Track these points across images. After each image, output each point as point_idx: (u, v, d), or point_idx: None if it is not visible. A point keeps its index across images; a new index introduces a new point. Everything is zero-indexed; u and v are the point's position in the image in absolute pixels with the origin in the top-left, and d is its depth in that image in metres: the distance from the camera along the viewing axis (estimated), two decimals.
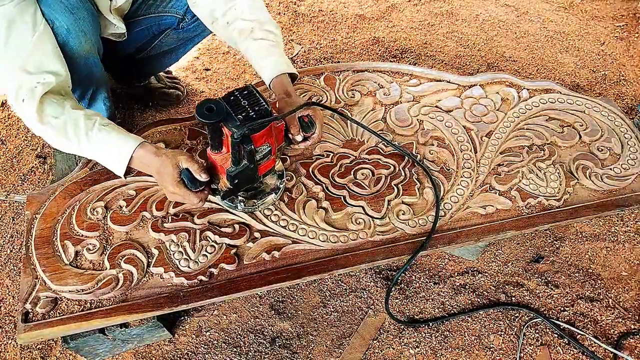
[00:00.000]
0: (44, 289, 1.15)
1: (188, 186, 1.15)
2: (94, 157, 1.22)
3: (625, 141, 1.49)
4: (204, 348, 1.40)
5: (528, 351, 1.40)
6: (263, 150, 1.14)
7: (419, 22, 2.46)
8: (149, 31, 1.64)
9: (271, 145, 1.15)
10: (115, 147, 1.18)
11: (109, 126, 1.19)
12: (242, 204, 1.26)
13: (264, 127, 1.08)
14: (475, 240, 1.29)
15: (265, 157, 1.16)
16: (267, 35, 1.35)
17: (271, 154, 1.17)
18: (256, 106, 1.08)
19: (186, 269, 1.19)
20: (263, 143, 1.13)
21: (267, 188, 1.30)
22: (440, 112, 1.55)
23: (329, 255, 1.24)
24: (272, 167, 1.23)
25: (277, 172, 1.33)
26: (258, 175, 1.20)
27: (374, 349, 1.41)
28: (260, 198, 1.28)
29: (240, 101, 1.09)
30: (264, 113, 1.08)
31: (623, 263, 1.59)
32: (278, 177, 1.32)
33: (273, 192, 1.29)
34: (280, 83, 1.33)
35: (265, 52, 1.34)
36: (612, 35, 2.41)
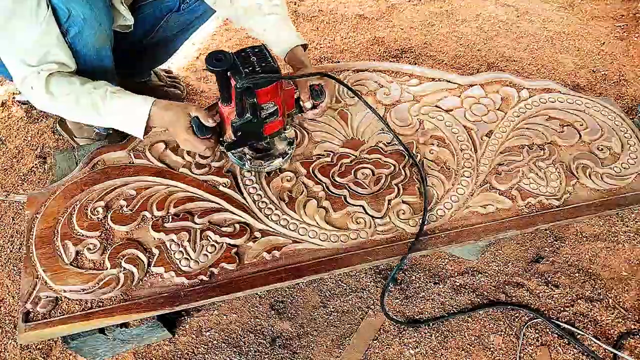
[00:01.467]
0: (44, 289, 1.15)
1: (196, 133, 1.21)
2: (112, 124, 1.27)
3: (625, 141, 1.49)
4: (204, 348, 1.40)
5: (528, 351, 1.40)
6: (268, 109, 1.18)
7: (419, 22, 2.47)
8: (151, 17, 1.64)
9: (277, 106, 1.19)
10: (130, 111, 1.24)
11: (119, 92, 1.25)
12: (249, 162, 1.32)
13: (270, 84, 1.12)
14: (476, 239, 1.29)
15: (271, 116, 1.20)
16: (275, 9, 1.39)
17: (278, 115, 1.21)
18: (264, 62, 1.12)
19: (187, 268, 1.19)
20: (268, 100, 1.16)
21: (276, 152, 1.35)
22: (441, 111, 1.55)
23: (329, 255, 1.24)
24: (279, 129, 1.27)
25: (288, 139, 1.38)
26: (263, 133, 1.24)
27: (374, 349, 1.41)
28: (267, 160, 1.34)
29: (249, 57, 1.13)
30: (269, 70, 1.11)
31: (623, 263, 1.59)
32: (288, 143, 1.37)
33: (281, 156, 1.34)
34: (295, 55, 1.38)
35: (277, 27, 1.39)
36: (612, 35, 2.41)
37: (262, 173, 1.34)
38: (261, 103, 1.16)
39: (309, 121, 1.51)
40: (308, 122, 1.51)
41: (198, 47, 2.30)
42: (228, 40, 2.34)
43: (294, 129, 1.45)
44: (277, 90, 1.16)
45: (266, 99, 1.15)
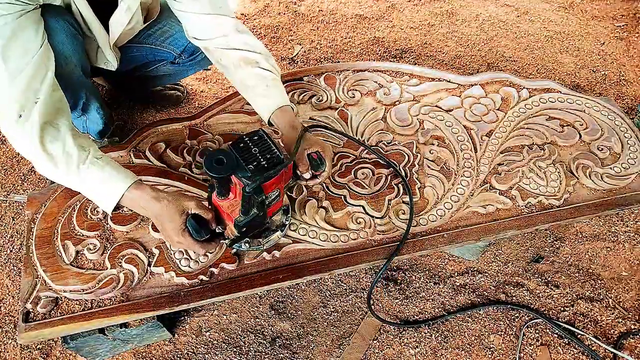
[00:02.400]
0: (44, 289, 1.15)
1: (193, 236, 1.09)
2: (81, 190, 1.14)
3: (625, 140, 1.50)
4: (204, 348, 1.40)
5: (528, 351, 1.40)
6: (272, 195, 1.10)
7: (419, 22, 2.47)
8: (144, 58, 1.64)
9: (280, 189, 1.11)
10: (106, 182, 1.10)
11: (103, 159, 1.12)
12: (248, 244, 1.22)
13: (277, 174, 1.03)
14: (476, 239, 1.29)
15: (274, 200, 1.12)
16: (272, 69, 1.32)
17: (279, 196, 1.13)
18: (268, 154, 1.03)
19: (187, 268, 1.19)
20: (273, 189, 1.08)
21: (273, 225, 1.24)
22: (441, 111, 1.55)
23: (329, 255, 1.24)
24: (278, 208, 1.18)
25: (283, 208, 1.26)
26: (266, 217, 1.14)
27: (374, 349, 1.41)
28: (265, 236, 1.22)
29: (250, 148, 1.03)
30: (276, 161, 1.03)
31: (623, 263, 1.59)
32: (283, 212, 1.26)
33: (278, 229, 1.24)
34: (285, 115, 1.28)
35: (270, 83, 1.30)
36: (612, 35, 2.41)
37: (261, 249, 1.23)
38: (267, 194, 1.07)
39: (309, 121, 1.51)
40: (308, 121, 1.50)
41: None
42: None
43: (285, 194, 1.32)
44: (282, 175, 1.07)
45: (272, 188, 1.07)
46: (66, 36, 1.26)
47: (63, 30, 1.24)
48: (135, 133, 1.47)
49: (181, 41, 1.57)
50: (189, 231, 1.09)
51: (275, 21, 2.44)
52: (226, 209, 1.09)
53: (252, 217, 1.05)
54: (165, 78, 1.82)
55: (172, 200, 1.10)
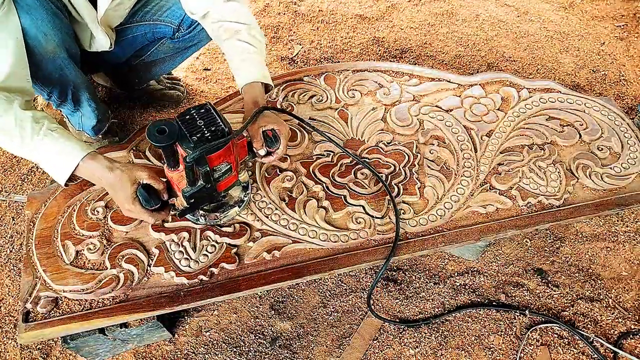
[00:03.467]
0: (44, 289, 1.16)
1: (143, 204, 1.11)
2: (37, 161, 1.14)
3: (625, 140, 1.50)
4: (204, 348, 1.40)
5: (528, 351, 1.40)
6: (221, 169, 1.11)
7: (419, 22, 2.47)
8: (143, 38, 1.63)
9: (231, 163, 1.12)
10: (61, 154, 1.10)
11: (57, 131, 1.11)
12: (204, 218, 1.24)
13: (222, 147, 1.05)
14: (476, 239, 1.29)
15: (224, 174, 1.13)
16: (252, 40, 1.33)
17: (231, 170, 1.14)
18: (212, 126, 1.05)
19: (187, 268, 1.19)
20: (221, 162, 1.09)
21: (231, 200, 1.26)
22: (441, 111, 1.55)
23: (329, 255, 1.24)
24: (233, 182, 1.19)
25: (242, 184, 1.28)
26: (218, 191, 1.16)
27: (374, 349, 1.41)
28: (223, 211, 1.25)
29: (196, 120, 1.05)
30: (220, 134, 1.04)
31: (623, 263, 1.59)
32: (243, 189, 1.28)
33: (236, 204, 1.26)
34: (251, 91, 1.29)
35: (245, 57, 1.31)
36: (612, 35, 2.41)
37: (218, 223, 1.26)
38: (214, 166, 1.08)
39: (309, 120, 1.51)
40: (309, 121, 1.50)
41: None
42: None
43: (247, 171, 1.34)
44: (230, 149, 1.09)
45: (219, 161, 1.08)
46: (46, 13, 1.23)
47: (42, 7, 1.22)
48: (135, 133, 1.47)
49: (178, 12, 1.55)
50: (139, 200, 1.10)
51: (275, 21, 2.44)
52: (176, 180, 1.11)
53: (198, 188, 1.08)
54: (167, 62, 1.79)
55: (125, 169, 1.11)
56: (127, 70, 1.81)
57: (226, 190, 1.20)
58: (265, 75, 1.33)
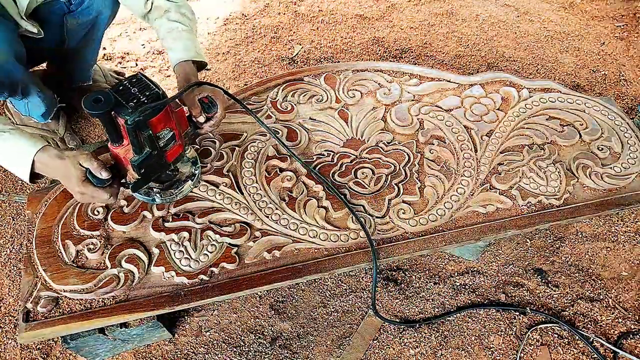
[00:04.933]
0: (45, 289, 1.16)
1: (94, 182, 1.11)
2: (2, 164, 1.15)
3: (625, 140, 1.50)
4: (204, 348, 1.40)
5: (528, 351, 1.40)
6: (165, 136, 1.13)
7: (419, 22, 2.47)
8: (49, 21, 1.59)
9: (174, 130, 1.14)
10: (15, 153, 1.12)
11: (9, 132, 1.12)
12: (159, 195, 1.26)
13: (160, 111, 1.07)
14: (476, 239, 1.29)
15: (169, 142, 1.15)
16: (181, 19, 1.35)
17: (175, 139, 1.16)
18: (147, 91, 1.06)
19: (187, 268, 1.19)
20: (163, 128, 1.11)
21: (183, 176, 1.30)
22: (441, 111, 1.55)
23: (329, 255, 1.24)
24: (180, 153, 1.21)
25: (191, 159, 1.33)
26: (167, 161, 1.19)
27: (374, 349, 1.41)
28: (176, 187, 1.29)
29: (129, 89, 1.06)
30: (155, 97, 1.06)
31: (623, 263, 1.59)
32: (192, 164, 1.32)
33: (189, 179, 1.30)
34: (183, 69, 1.33)
35: (176, 35, 1.34)
36: (612, 35, 2.41)
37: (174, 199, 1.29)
38: (157, 132, 1.09)
39: (309, 121, 1.51)
40: (308, 121, 1.51)
41: None
42: (227, 40, 2.34)
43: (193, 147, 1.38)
44: (169, 115, 1.11)
45: (161, 126, 1.10)
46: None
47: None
48: None
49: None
50: (90, 181, 1.11)
51: (275, 21, 2.44)
52: (123, 154, 1.12)
53: (145, 155, 1.09)
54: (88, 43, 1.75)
55: (71, 155, 1.13)
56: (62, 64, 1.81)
57: (175, 161, 1.22)
58: (197, 53, 1.36)
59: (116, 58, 2.24)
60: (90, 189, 1.12)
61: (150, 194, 1.27)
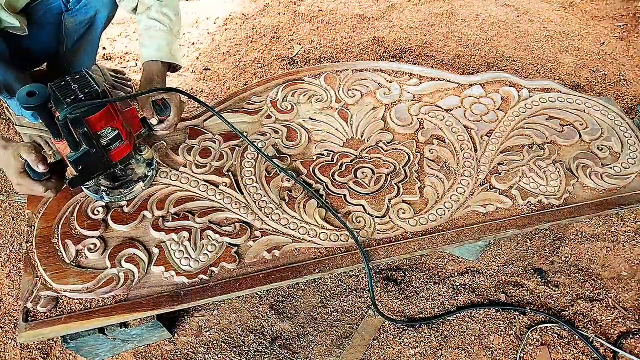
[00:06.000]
0: (45, 288, 1.15)
1: (32, 176, 1.12)
2: None
3: (625, 140, 1.49)
4: (204, 348, 1.40)
5: (528, 351, 1.40)
6: (108, 135, 1.11)
7: (419, 22, 2.47)
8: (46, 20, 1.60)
9: (119, 130, 1.13)
10: None
11: None
12: (106, 194, 1.26)
13: (98, 110, 1.05)
14: (476, 239, 1.29)
15: (113, 142, 1.13)
16: (161, 18, 1.35)
17: (122, 139, 1.15)
18: (86, 89, 1.05)
19: (187, 268, 1.19)
20: (104, 127, 1.09)
21: (135, 176, 1.29)
22: (441, 111, 1.55)
23: (329, 254, 1.24)
24: (128, 153, 1.20)
25: (147, 160, 1.32)
26: (111, 161, 1.17)
27: (374, 349, 1.41)
28: (127, 187, 1.28)
29: (70, 85, 1.06)
30: (94, 95, 1.05)
31: (623, 263, 1.59)
32: (147, 165, 1.32)
33: (141, 180, 1.29)
34: (149, 68, 1.33)
35: (152, 34, 1.34)
36: (612, 35, 2.41)
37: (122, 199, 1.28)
38: (97, 131, 1.08)
39: (309, 121, 1.51)
40: (308, 121, 1.51)
41: (198, 47, 2.30)
42: (227, 40, 2.34)
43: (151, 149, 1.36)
44: (113, 114, 1.10)
45: (101, 125, 1.08)
46: None
47: None
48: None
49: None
50: (28, 173, 1.11)
51: (275, 21, 2.44)
52: (63, 150, 1.12)
53: (82, 152, 1.09)
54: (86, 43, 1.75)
55: (14, 147, 1.13)
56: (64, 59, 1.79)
57: (122, 161, 1.21)
58: (170, 54, 1.35)
59: (116, 58, 2.24)
60: (27, 181, 1.13)
61: (98, 192, 1.26)
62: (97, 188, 1.27)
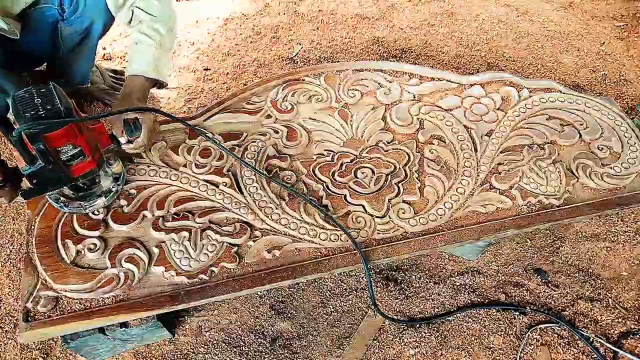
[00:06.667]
0: (45, 288, 1.15)
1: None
2: None
3: (625, 140, 1.50)
4: (204, 348, 1.40)
5: (528, 351, 1.40)
6: (68, 151, 1.07)
7: (419, 22, 2.47)
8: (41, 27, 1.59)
9: (81, 147, 1.09)
10: None
11: None
12: (66, 204, 1.23)
13: (60, 127, 1.02)
14: (476, 239, 1.29)
15: (75, 158, 1.09)
16: (151, 33, 1.34)
17: (84, 155, 1.11)
18: (49, 105, 1.02)
19: (187, 267, 1.19)
20: (64, 144, 1.06)
21: (99, 190, 1.26)
22: (441, 111, 1.55)
23: (329, 254, 1.24)
24: (91, 169, 1.15)
25: (115, 175, 1.28)
26: (71, 176, 1.13)
27: (374, 349, 1.41)
28: (88, 199, 1.24)
29: (34, 98, 1.03)
30: (55, 114, 1.01)
31: (623, 263, 1.59)
32: (114, 179, 1.28)
33: (104, 195, 1.26)
34: (130, 82, 1.31)
35: (139, 48, 1.33)
36: (612, 35, 2.41)
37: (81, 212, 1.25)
38: (56, 147, 1.04)
39: (309, 120, 1.51)
40: (308, 121, 1.51)
41: (198, 47, 2.30)
42: (227, 40, 2.34)
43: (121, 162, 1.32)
44: (75, 131, 1.05)
45: (61, 142, 1.04)
46: None
47: None
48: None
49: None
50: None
51: (275, 21, 2.44)
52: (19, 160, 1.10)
53: (38, 167, 1.05)
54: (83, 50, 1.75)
55: None
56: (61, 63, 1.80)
57: (85, 176, 1.16)
58: (154, 70, 1.34)
59: (116, 58, 2.23)
60: None
61: (59, 201, 1.23)
62: (58, 197, 1.24)
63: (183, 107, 2.03)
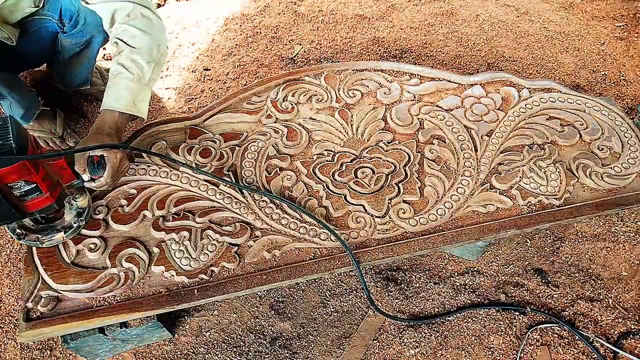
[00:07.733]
0: (45, 288, 1.15)
1: None
2: None
3: (625, 140, 1.50)
4: (204, 348, 1.40)
5: (528, 351, 1.40)
6: (21, 187, 1.03)
7: (419, 22, 2.47)
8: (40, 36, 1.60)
9: (37, 183, 1.05)
10: None
11: None
12: (22, 236, 1.19)
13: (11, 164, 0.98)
14: (476, 239, 1.29)
15: (30, 194, 1.05)
16: (129, 65, 1.29)
17: (41, 191, 1.07)
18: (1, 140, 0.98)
19: (187, 267, 1.19)
20: (16, 180, 1.02)
21: (60, 224, 1.22)
22: (441, 111, 1.55)
23: (329, 254, 1.24)
24: (48, 205, 1.11)
25: (79, 209, 1.24)
26: (26, 211, 1.09)
27: (374, 349, 1.41)
28: (47, 233, 1.20)
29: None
30: (6, 151, 0.98)
31: (623, 263, 1.59)
32: (77, 214, 1.24)
33: (64, 229, 1.21)
34: (103, 117, 1.27)
35: (116, 81, 1.29)
36: (612, 35, 2.41)
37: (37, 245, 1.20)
38: (7, 182, 1.01)
39: (309, 120, 1.51)
40: (309, 121, 1.51)
41: (198, 47, 2.30)
42: (227, 40, 2.34)
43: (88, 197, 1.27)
44: (29, 168, 1.01)
45: (13, 178, 1.01)
46: None
47: None
48: (135, 132, 1.47)
49: (57, 5, 1.52)
50: None
51: (275, 21, 2.44)
52: None
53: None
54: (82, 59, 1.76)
55: None
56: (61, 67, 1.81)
57: (42, 212, 1.12)
58: (130, 104, 1.29)
59: None
60: None
61: (15, 231, 1.19)
62: (14, 227, 1.19)
63: (183, 107, 2.03)
